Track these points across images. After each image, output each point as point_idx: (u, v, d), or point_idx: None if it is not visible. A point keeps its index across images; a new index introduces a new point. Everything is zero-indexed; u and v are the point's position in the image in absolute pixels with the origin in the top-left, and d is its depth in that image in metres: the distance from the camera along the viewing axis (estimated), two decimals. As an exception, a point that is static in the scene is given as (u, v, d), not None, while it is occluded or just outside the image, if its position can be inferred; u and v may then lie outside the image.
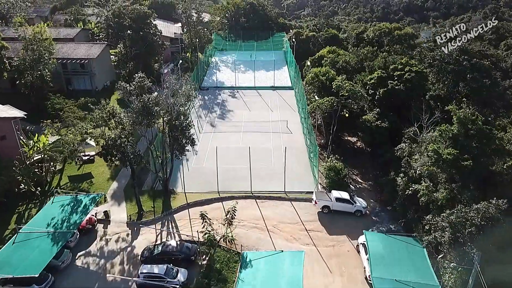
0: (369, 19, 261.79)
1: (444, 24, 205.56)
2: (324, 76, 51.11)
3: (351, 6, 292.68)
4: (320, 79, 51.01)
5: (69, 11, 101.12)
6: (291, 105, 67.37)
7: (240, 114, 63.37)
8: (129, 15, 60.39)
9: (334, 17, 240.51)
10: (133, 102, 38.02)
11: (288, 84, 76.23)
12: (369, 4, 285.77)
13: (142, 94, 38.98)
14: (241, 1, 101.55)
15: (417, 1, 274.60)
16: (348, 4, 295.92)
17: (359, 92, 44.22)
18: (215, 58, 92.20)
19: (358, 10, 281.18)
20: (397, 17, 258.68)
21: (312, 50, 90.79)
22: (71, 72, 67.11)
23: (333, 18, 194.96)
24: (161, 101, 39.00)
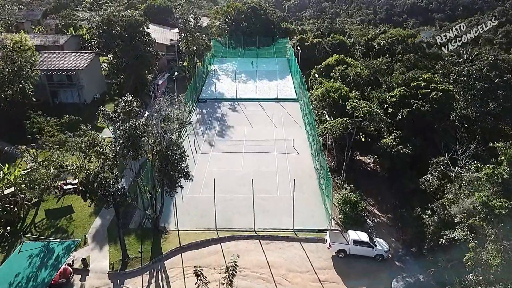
0: (372, 21, 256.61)
1: (450, 26, 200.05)
2: (336, 93, 45.56)
3: (354, 7, 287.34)
4: (331, 96, 45.45)
5: (60, 15, 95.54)
6: (297, 119, 61.82)
7: (241, 130, 57.83)
8: (120, 23, 54.89)
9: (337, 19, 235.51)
10: (117, 130, 32.51)
11: (293, 96, 70.67)
12: (372, 6, 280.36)
13: (129, 120, 33.44)
14: (241, 5, 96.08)
15: (421, 3, 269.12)
16: (351, 5, 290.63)
17: (378, 114, 38.66)
18: (214, 66, 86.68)
19: (361, 11, 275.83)
20: (400, 19, 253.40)
21: (317, 57, 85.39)
22: (57, 85, 61.61)
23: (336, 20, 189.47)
24: (151, 127, 33.43)
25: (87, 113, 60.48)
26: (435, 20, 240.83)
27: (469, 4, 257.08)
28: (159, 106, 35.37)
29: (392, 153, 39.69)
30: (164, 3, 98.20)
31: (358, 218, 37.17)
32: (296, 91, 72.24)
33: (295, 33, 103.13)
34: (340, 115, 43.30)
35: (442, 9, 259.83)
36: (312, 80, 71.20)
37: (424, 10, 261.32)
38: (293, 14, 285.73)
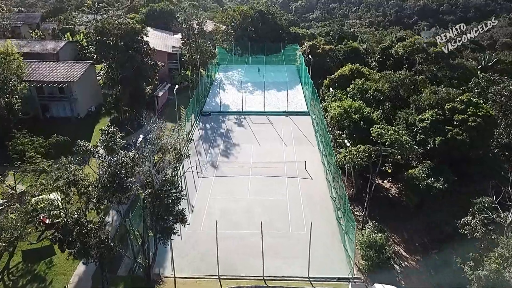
0: (382, 23, 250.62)
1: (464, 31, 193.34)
2: (356, 114, 40.15)
3: (362, 9, 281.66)
4: (351, 117, 40.05)
5: (57, 19, 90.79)
6: (309, 136, 56.44)
7: (248, 149, 52.55)
8: (115, 32, 49.85)
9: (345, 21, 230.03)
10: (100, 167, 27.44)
11: (304, 109, 65.27)
12: (381, 8, 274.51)
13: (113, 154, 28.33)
14: (248, 9, 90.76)
15: (432, 5, 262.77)
16: (359, 7, 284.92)
17: (408, 143, 33.21)
18: (219, 74, 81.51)
19: (370, 13, 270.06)
20: (411, 21, 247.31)
21: (329, 65, 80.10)
22: (48, 97, 56.71)
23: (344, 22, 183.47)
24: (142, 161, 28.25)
25: (79, 128, 55.63)
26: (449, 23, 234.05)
27: (481, 6, 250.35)
28: (151, 135, 30.09)
29: (421, 187, 34.23)
30: (166, 7, 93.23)
31: (384, 263, 31.83)
32: (307, 103, 66.83)
33: (304, 38, 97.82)
34: (361, 140, 37.95)
35: (454, 11, 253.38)
36: (325, 91, 65.97)
37: (435, 12, 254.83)
38: (300, 16, 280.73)
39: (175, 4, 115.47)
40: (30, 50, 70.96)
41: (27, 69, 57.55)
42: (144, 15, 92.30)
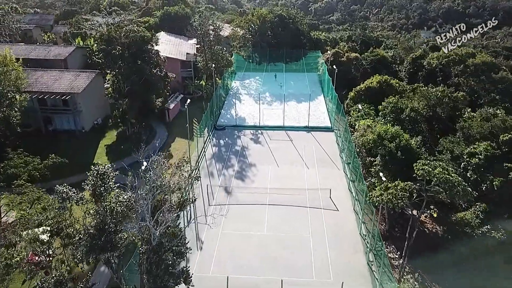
0: (404, 26, 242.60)
1: (495, 35, 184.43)
2: (392, 142, 34.59)
3: (384, 11, 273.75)
4: (386, 144, 34.53)
5: (68, 22, 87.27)
6: (333, 156, 50.95)
7: (265, 171, 47.39)
8: (122, 40, 45.41)
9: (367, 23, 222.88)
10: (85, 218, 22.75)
11: (327, 124, 59.71)
12: (404, 10, 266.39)
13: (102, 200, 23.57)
14: (267, 13, 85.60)
15: (457, 7, 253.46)
16: (381, 9, 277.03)
17: (461, 184, 27.57)
18: (235, 83, 76.59)
19: (392, 16, 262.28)
20: (435, 24, 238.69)
21: (354, 75, 74.46)
22: (50, 109, 52.67)
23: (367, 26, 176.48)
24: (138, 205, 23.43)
25: (83, 144, 51.45)
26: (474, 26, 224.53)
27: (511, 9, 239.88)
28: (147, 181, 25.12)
29: (474, 235, 28.55)
30: (182, 10, 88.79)
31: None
32: (331, 117, 61.28)
33: (326, 44, 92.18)
34: (399, 172, 32.42)
35: (481, 14, 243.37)
36: (350, 104, 60.42)
37: (460, 15, 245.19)
38: (320, 17, 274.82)
39: (192, 7, 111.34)
40: (37, 56, 67.41)
41: (30, 78, 53.80)
42: (159, 18, 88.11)
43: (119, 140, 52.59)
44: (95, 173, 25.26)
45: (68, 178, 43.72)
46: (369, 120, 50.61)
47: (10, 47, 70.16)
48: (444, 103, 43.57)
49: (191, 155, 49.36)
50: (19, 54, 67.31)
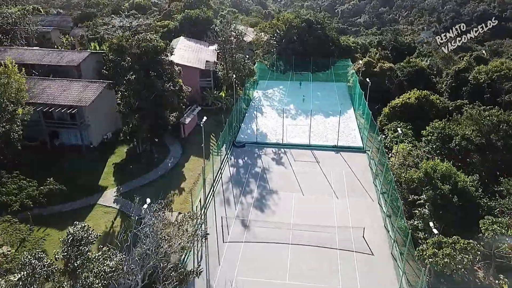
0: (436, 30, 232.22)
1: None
2: (445, 183, 28.53)
3: (414, 14, 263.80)
4: (438, 187, 28.49)
5: (85, 25, 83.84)
6: (365, 183, 44.96)
7: (288, 200, 41.84)
8: (133, 50, 40.79)
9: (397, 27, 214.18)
10: None
11: (358, 144, 53.64)
12: (436, 13, 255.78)
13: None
14: (294, 17, 79.92)
15: (493, 10, 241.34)
16: (411, 12, 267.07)
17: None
18: (257, 93, 71.31)
19: (423, 19, 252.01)
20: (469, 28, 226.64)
21: (387, 86, 68.05)
22: (56, 123, 48.59)
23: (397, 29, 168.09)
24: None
25: (90, 161, 47.13)
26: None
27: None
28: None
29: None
30: (203, 14, 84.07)
31: None
32: (362, 136, 55.20)
33: (356, 51, 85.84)
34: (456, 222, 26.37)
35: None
36: (384, 122, 54.32)
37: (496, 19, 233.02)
38: (347, 20, 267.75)
39: (214, 10, 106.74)
40: (50, 61, 63.75)
41: (36, 88, 50.03)
42: (179, 22, 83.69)
43: (129, 158, 48.11)
44: (70, 239, 20.10)
45: (69, 204, 39.54)
46: (409, 144, 44.57)
47: (23, 51, 67.27)
48: (501, 130, 37.00)
49: (206, 177, 44.34)
50: (32, 60, 64.36)
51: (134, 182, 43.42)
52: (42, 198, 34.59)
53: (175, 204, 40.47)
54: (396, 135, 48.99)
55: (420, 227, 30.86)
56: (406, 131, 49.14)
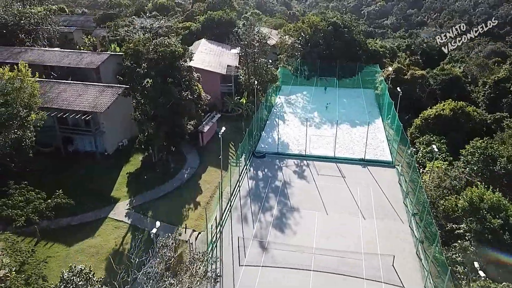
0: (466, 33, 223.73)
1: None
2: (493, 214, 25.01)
3: (444, 16, 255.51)
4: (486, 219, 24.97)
5: (107, 25, 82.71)
6: (395, 203, 41.42)
7: (310, 220, 38.72)
8: (150, 55, 38.59)
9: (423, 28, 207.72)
10: None
11: (386, 158, 50.01)
12: (467, 15, 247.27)
13: None
14: (320, 20, 76.62)
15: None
16: (441, 14, 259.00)
17: None
18: (279, 98, 68.40)
19: (453, 21, 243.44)
20: (502, 32, 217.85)
21: (418, 95, 64.07)
22: (70, 129, 46.93)
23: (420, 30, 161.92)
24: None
25: (103, 170, 45.25)
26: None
27: None
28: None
29: None
30: (226, 15, 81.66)
31: None
32: (391, 148, 51.59)
33: (385, 56, 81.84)
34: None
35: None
36: (415, 134, 50.68)
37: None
38: (373, 21, 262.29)
39: (238, 11, 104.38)
40: (69, 63, 62.68)
41: (52, 92, 48.58)
42: (201, 24, 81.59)
43: (144, 167, 46.02)
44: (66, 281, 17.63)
45: (79, 216, 37.63)
46: (444, 162, 40.90)
47: (43, 52, 66.38)
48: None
49: (224, 189, 41.85)
50: (51, 61, 63.41)
51: (148, 194, 41.24)
52: (49, 212, 32.62)
53: (189, 220, 38.23)
54: (429, 150, 45.49)
55: (459, 260, 27.40)
56: (440, 145, 45.38)
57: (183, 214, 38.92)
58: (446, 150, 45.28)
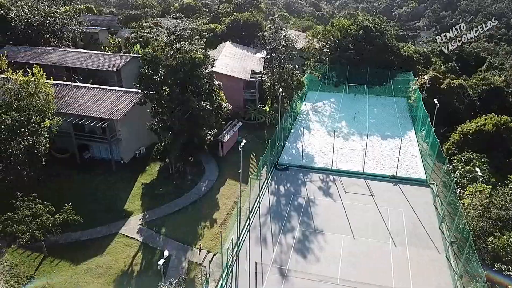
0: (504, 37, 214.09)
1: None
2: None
3: (480, 19, 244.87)
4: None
5: (131, 26, 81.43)
6: (429, 228, 37.57)
7: (335, 245, 35.44)
8: (168, 62, 36.21)
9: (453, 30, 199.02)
10: None
11: (420, 175, 45.98)
12: (505, 18, 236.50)
13: None
14: (350, 23, 72.85)
15: None
16: (476, 16, 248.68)
17: None
18: (305, 105, 65.12)
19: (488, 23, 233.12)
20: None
21: (455, 106, 59.55)
22: (85, 136, 45.17)
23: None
24: None
25: (118, 179, 43.29)
26: None
27: None
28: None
29: None
30: (252, 18, 78.96)
31: None
32: (425, 165, 47.58)
33: (419, 62, 77.18)
34: None
35: None
36: (453, 151, 46.65)
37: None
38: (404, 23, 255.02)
39: (265, 13, 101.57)
40: (90, 65, 61.57)
41: (69, 97, 47.05)
42: (226, 26, 79.21)
43: (160, 178, 43.81)
44: None
45: (89, 231, 35.64)
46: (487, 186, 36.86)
47: (66, 54, 65.40)
48: None
49: (242, 206, 39.13)
50: (73, 63, 62.39)
51: (162, 209, 38.91)
52: (55, 230, 30.63)
53: (204, 240, 35.59)
54: (469, 170, 41.50)
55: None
56: (480, 164, 41.22)
57: (198, 232, 36.36)
58: (487, 170, 41.11)
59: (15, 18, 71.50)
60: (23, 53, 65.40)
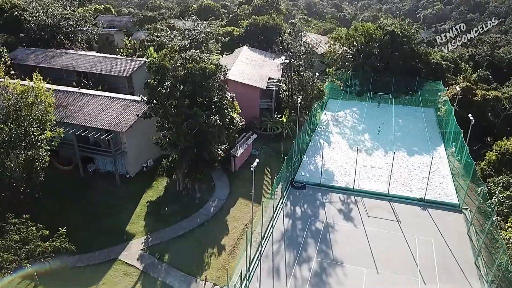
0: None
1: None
2: None
3: (510, 22, 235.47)
4: None
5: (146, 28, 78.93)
6: (463, 263, 33.32)
7: (356, 280, 31.59)
8: (176, 72, 33.02)
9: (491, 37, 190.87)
10: None
11: (452, 199, 41.51)
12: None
13: None
14: (375, 28, 68.45)
15: None
16: (505, 19, 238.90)
17: None
18: (325, 115, 61.19)
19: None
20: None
21: (490, 120, 54.73)
22: (88, 148, 42.36)
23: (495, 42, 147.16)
24: None
25: (122, 195, 40.38)
26: None
27: None
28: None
29: None
30: (271, 21, 75.36)
31: None
32: (456, 186, 43.13)
33: (448, 71, 72.15)
34: None
35: None
36: (489, 172, 42.18)
37: None
38: (430, 26, 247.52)
39: (285, 15, 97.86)
40: (101, 70, 59.11)
41: (74, 105, 44.43)
42: (244, 29, 75.90)
43: (167, 195, 40.70)
44: None
45: (87, 256, 32.72)
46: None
47: (77, 57, 63.15)
48: None
49: (254, 230, 35.67)
50: (84, 67, 60.06)
51: (167, 232, 35.74)
52: (45, 258, 27.77)
53: (210, 270, 32.22)
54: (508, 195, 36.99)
55: None
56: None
57: (204, 261, 33.04)
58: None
59: (28, 20, 69.76)
60: (35, 56, 63.53)
